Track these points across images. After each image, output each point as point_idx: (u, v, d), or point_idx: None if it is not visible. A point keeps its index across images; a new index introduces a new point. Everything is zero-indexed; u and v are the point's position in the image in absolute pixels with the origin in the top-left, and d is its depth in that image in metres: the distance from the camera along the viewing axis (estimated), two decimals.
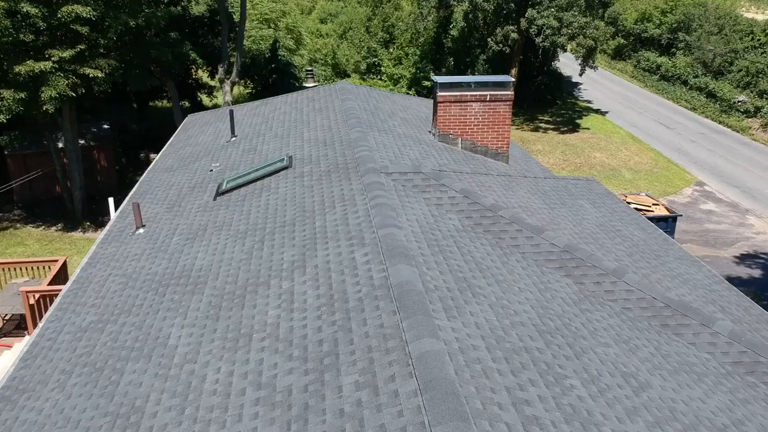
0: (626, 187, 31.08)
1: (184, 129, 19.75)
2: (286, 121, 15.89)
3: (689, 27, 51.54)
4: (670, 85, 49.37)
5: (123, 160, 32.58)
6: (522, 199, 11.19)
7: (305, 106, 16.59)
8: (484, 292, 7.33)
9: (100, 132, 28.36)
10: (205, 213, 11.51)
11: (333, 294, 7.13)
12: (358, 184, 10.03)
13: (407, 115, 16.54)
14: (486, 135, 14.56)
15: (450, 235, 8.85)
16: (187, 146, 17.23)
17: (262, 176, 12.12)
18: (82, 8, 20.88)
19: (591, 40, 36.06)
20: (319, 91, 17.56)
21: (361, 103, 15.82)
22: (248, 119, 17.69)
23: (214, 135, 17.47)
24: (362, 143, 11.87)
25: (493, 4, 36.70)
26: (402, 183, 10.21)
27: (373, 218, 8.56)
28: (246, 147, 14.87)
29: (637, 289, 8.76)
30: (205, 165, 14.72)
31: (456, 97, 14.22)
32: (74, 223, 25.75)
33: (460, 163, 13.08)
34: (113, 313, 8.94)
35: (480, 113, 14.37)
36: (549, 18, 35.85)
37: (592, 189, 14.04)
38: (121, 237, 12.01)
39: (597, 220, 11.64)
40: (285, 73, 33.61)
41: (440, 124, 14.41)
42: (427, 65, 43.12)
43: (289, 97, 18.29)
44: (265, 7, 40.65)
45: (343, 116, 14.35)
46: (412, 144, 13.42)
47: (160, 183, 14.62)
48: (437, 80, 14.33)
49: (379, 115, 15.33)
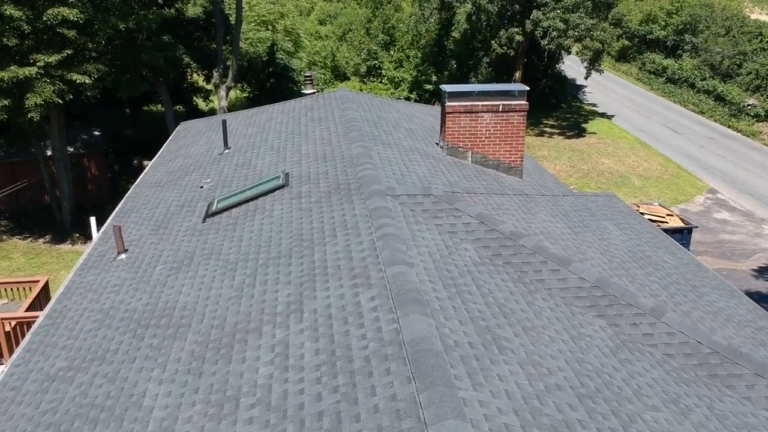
0: (636, 195, 30.04)
1: (176, 138, 18.69)
2: (282, 132, 14.83)
3: (695, 28, 50.56)
4: (677, 87, 48.35)
5: (115, 167, 31.51)
6: (543, 223, 10.14)
7: (303, 116, 15.53)
8: (512, 346, 6.28)
9: (90, 139, 27.30)
10: (193, 237, 10.45)
11: (335, 350, 6.07)
12: (361, 208, 8.98)
13: (412, 125, 15.50)
14: (498, 148, 13.52)
15: (467, 270, 7.79)
16: (178, 158, 16.17)
17: (256, 196, 11.07)
18: (69, 11, 19.82)
19: (598, 43, 35.05)
20: (318, 100, 16.50)
21: (363, 113, 14.77)
22: (243, 129, 16.64)
23: (206, 145, 16.41)
24: (365, 160, 10.82)
25: (496, 6, 35.67)
26: (411, 207, 9.16)
27: (380, 252, 7.50)
28: (239, 161, 13.82)
29: (679, 332, 7.71)
30: (195, 180, 13.66)
31: (466, 108, 13.18)
32: (63, 234, 24.69)
33: (471, 180, 12.02)
34: (85, 359, 7.88)
35: (492, 125, 13.33)
36: (555, 20, 34.82)
37: (614, 206, 12.99)
38: (102, 263, 10.94)
39: (624, 245, 10.58)
40: (283, 76, 32.56)
41: (449, 136, 13.36)
42: (429, 68, 42.08)
43: (287, 105, 17.23)
44: (263, 9, 39.60)
45: (344, 128, 13.30)
46: (419, 159, 12.37)
47: (147, 200, 13.56)
48: (445, 89, 13.28)
49: (383, 125, 14.28)
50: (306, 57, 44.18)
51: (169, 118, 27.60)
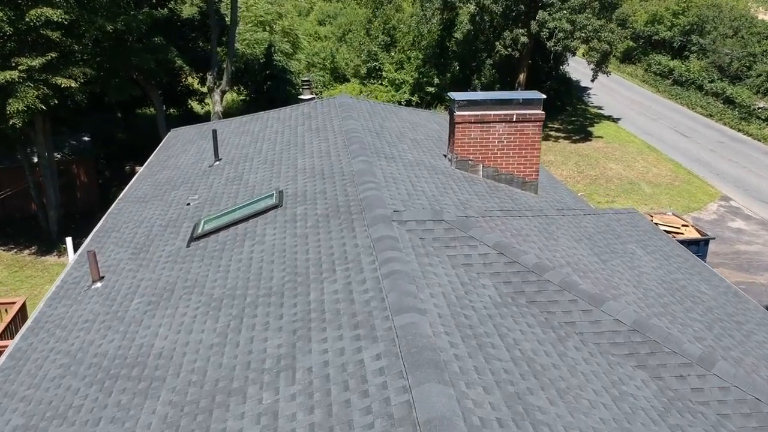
0: (647, 202, 28.96)
1: (165, 146, 17.61)
2: (277, 142, 13.75)
3: (703, 29, 49.46)
4: (684, 90, 47.26)
5: (106, 173, 30.40)
6: (567, 249, 9.05)
7: (300, 125, 14.45)
8: (548, 419, 5.19)
9: (79, 144, 26.20)
10: (176, 265, 9.36)
11: (333, 426, 4.98)
12: (364, 236, 7.89)
13: (417, 134, 14.41)
14: (512, 161, 12.44)
15: (488, 314, 6.70)
16: (166, 169, 15.09)
17: (246, 217, 9.98)
18: (53, 11, 18.72)
19: (606, 44, 33.95)
20: (317, 107, 15.41)
21: (364, 122, 13.68)
22: (235, 138, 15.56)
23: (196, 155, 15.33)
24: (368, 178, 9.73)
25: (501, 6, 34.58)
26: (420, 235, 8.07)
27: (387, 294, 6.42)
28: (230, 174, 12.72)
29: (733, 386, 6.63)
30: (182, 195, 12.58)
31: (477, 117, 12.09)
32: (49, 245, 23.58)
33: (484, 198, 10.94)
34: (44, 416, 6.79)
35: (505, 136, 12.25)
36: (561, 21, 33.72)
37: (637, 225, 11.92)
38: (75, 292, 9.86)
39: (656, 274, 9.49)
40: (280, 79, 31.47)
41: (458, 148, 12.28)
42: (431, 70, 40.99)
43: (283, 113, 16.15)
44: (260, 9, 38.50)
45: (343, 139, 12.21)
46: (426, 174, 11.28)
47: (129, 217, 12.47)
48: (454, 97, 12.20)
49: (386, 136, 13.19)
50: (305, 58, 43.08)
51: (160, 123, 26.49)
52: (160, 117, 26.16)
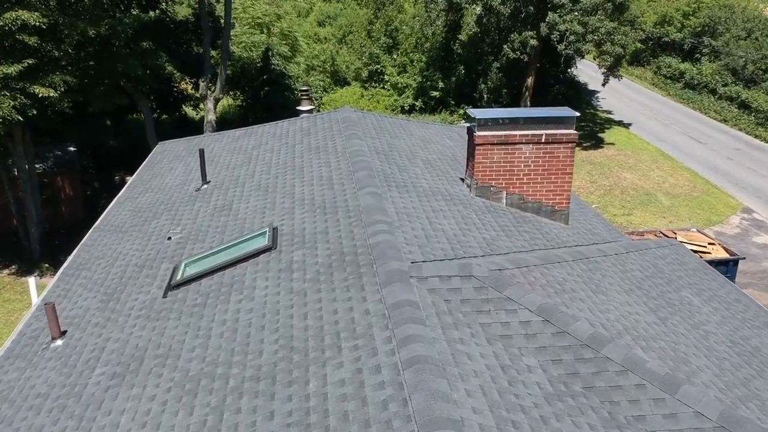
0: (665, 215, 27.44)
1: (151, 163, 16.07)
2: (272, 164, 12.20)
3: (714, 31, 47.94)
4: (696, 93, 45.71)
5: (95, 184, 28.86)
6: (620, 306, 7.51)
7: (298, 143, 12.90)
8: None
9: (64, 155, 24.64)
10: (148, 322, 7.82)
11: None
12: (376, 299, 6.36)
13: (429, 153, 12.88)
14: (540, 187, 10.90)
15: (540, 417, 5.16)
16: (149, 191, 13.55)
17: (234, 261, 8.44)
18: (29, 14, 17.17)
19: (619, 48, 32.40)
20: (317, 122, 13.87)
21: (371, 141, 12.14)
22: (226, 155, 14.02)
23: (183, 175, 13.80)
24: (378, 216, 8.19)
25: (509, 7, 33.02)
26: (445, 297, 6.53)
27: (410, 395, 4.88)
28: (219, 202, 11.18)
29: None
30: (163, 227, 11.04)
31: (500, 138, 10.56)
32: (30, 265, 22.04)
33: (512, 235, 9.40)
34: None
35: (532, 159, 10.72)
36: (573, 23, 32.17)
37: (684, 262, 10.40)
38: (32, 350, 8.32)
39: (723, 333, 7.96)
40: (278, 84, 29.93)
41: (478, 172, 10.74)
42: (435, 73, 39.44)
43: (279, 128, 14.60)
44: (258, 11, 36.94)
45: (348, 163, 10.67)
46: (444, 206, 9.75)
47: (103, 252, 10.93)
48: (475, 114, 10.66)
49: (395, 157, 11.65)
50: (304, 61, 41.52)
51: (149, 133, 24.86)
52: (149, 127, 24.54)
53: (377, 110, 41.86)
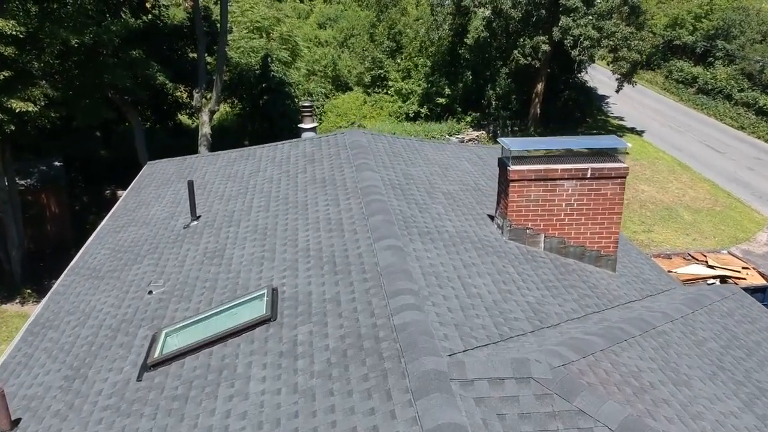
0: (688, 232, 25.90)
1: (138, 187, 14.53)
2: (272, 197, 10.65)
3: (728, 34, 46.37)
4: (710, 99, 44.13)
5: (84, 199, 27.32)
6: (708, 402, 5.97)
7: (301, 172, 11.35)
8: None
9: (49, 170, 23.07)
10: (117, 418, 6.27)
11: None
12: (409, 420, 4.81)
13: (449, 183, 11.34)
14: (584, 229, 9.37)
15: None
16: (132, 224, 12.00)
17: (225, 335, 6.90)
18: (4, 22, 15.63)
19: (636, 53, 30.85)
20: (321, 146, 12.31)
21: (384, 172, 10.59)
22: (220, 183, 12.48)
23: (171, 205, 12.26)
24: (402, 282, 6.64)
25: (521, 11, 31.49)
26: (499, 411, 4.98)
27: None
28: (209, 246, 9.63)
29: None
30: (145, 274, 9.50)
31: (539, 173, 9.02)
32: (11, 290, 20.48)
33: (557, 292, 7.86)
34: None
35: (575, 197, 9.18)
36: (587, 27, 30.64)
37: (754, 318, 8.89)
38: None
39: None
40: (278, 92, 28.39)
41: (513, 212, 9.20)
42: (441, 79, 37.88)
43: (279, 151, 13.05)
44: (257, 14, 35.36)
45: (360, 202, 9.12)
46: (476, 256, 8.21)
47: (76, 304, 9.39)
48: (509, 145, 9.12)
49: (413, 192, 10.10)
50: (304, 66, 39.94)
51: (140, 149, 23.19)
52: (140, 141, 22.89)
53: (380, 117, 40.36)
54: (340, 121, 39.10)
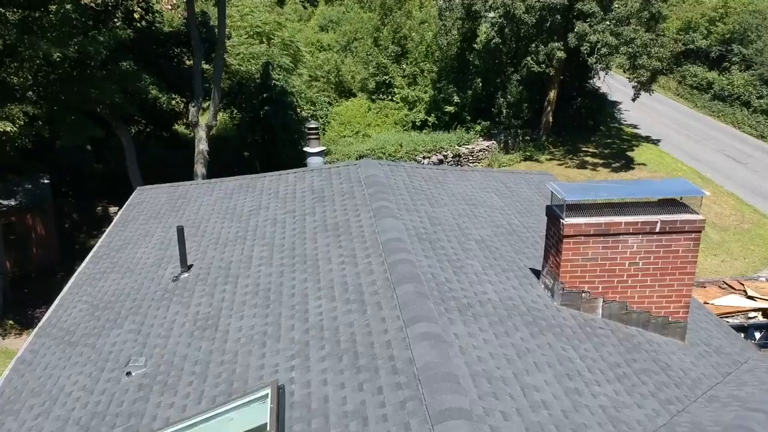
0: (716, 252, 24.36)
1: (124, 220, 12.97)
2: (276, 246, 9.10)
3: (744, 38, 44.82)
4: (727, 105, 42.56)
5: (74, 216, 25.79)
6: None
7: (309, 213, 9.80)
8: None
9: (35, 189, 21.51)
10: None
11: None
12: None
13: (480, 225, 9.80)
14: (649, 292, 7.83)
15: None
16: (115, 269, 10.46)
17: None
18: None
19: (656, 61, 29.29)
20: (332, 181, 10.75)
21: (408, 217, 9.03)
22: (216, 221, 10.93)
23: (160, 247, 10.72)
24: (449, 396, 5.09)
25: (534, 16, 29.93)
26: None
27: None
28: (201, 310, 8.09)
29: None
30: (125, 341, 7.96)
31: (599, 228, 7.48)
32: None
33: (631, 385, 6.32)
34: None
35: (641, 254, 7.64)
36: (605, 33, 29.10)
37: None
38: None
39: None
40: (279, 103, 26.85)
41: (566, 273, 7.66)
42: (449, 86, 36.29)
43: (284, 183, 11.50)
44: (257, 19, 33.80)
45: (382, 260, 7.57)
46: (529, 337, 6.67)
47: (40, 384, 7.84)
48: (560, 192, 7.58)
49: (443, 244, 8.56)
50: (306, 72, 38.35)
51: (132, 170, 21.48)
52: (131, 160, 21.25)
53: (386, 125, 38.78)
54: (344, 130, 37.56)
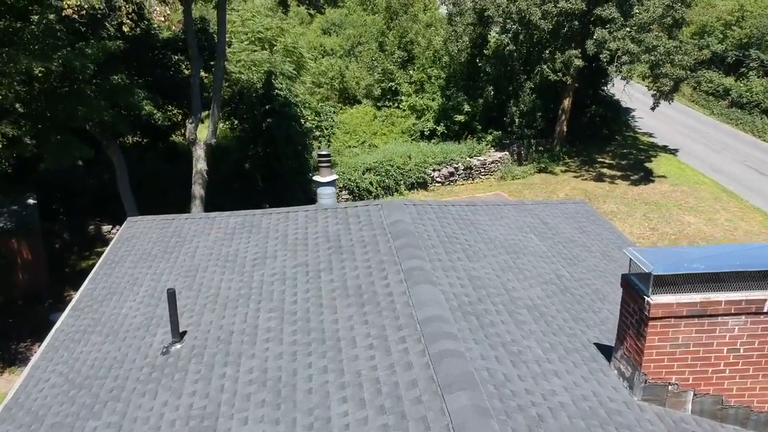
0: None
1: (111, 261, 11.46)
2: (286, 318, 7.57)
3: (762, 42, 43.33)
4: (746, 113, 41.06)
5: (65, 236, 24.26)
6: None
7: (325, 268, 8.27)
8: None
9: (21, 210, 19.99)
10: None
11: None
12: None
13: (529, 285, 8.29)
14: (751, 383, 6.33)
15: None
16: (96, 329, 8.96)
17: None
18: None
19: (680, 69, 27.77)
20: (349, 223, 9.23)
21: (446, 279, 7.51)
22: (214, 270, 9.41)
23: (148, 304, 9.21)
24: None
25: (551, 22, 28.40)
26: None
27: None
28: (195, 403, 6.57)
29: None
30: None
31: (693, 308, 5.98)
32: None
33: None
34: None
35: (744, 338, 6.14)
36: (625, 41, 27.58)
37: None
38: None
39: None
40: (283, 115, 25.36)
41: (650, 362, 6.15)
42: (459, 94, 34.74)
43: (292, 225, 9.97)
44: (258, 24, 32.25)
45: (423, 350, 6.05)
46: None
47: None
48: (644, 260, 6.07)
49: (492, 317, 7.04)
50: (310, 78, 36.80)
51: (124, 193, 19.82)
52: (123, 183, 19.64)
53: (392, 134, 37.22)
54: (349, 140, 36.04)
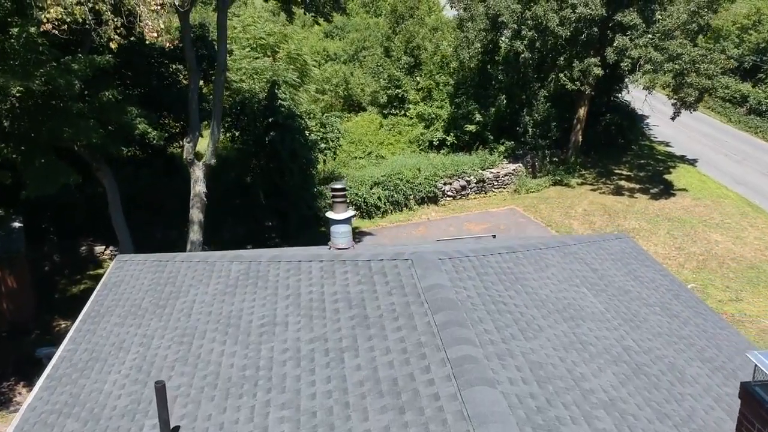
0: None
1: (95, 313, 10.01)
2: (302, 416, 6.11)
3: None
4: (765, 121, 39.63)
5: (55, 258, 22.81)
6: None
7: (348, 350, 6.80)
8: None
9: (7, 235, 18.53)
10: None
11: None
12: None
13: (599, 367, 6.84)
14: None
15: None
16: (71, 414, 7.51)
17: None
18: None
19: (706, 79, 26.30)
20: (375, 284, 7.74)
21: (504, 373, 6.04)
22: (213, 339, 7.96)
23: (135, 379, 7.76)
24: None
25: (569, 29, 26.94)
26: None
27: None
28: None
29: None
30: None
31: None
32: None
33: None
34: None
35: None
36: (647, 48, 26.13)
37: None
38: None
39: None
40: (287, 128, 23.92)
41: None
42: (470, 102, 33.28)
43: (306, 281, 8.51)
44: (260, 30, 30.84)
45: None
46: None
47: None
48: None
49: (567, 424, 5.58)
50: (314, 85, 35.34)
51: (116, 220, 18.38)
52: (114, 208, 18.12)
53: (400, 144, 35.75)
54: (355, 150, 34.60)
